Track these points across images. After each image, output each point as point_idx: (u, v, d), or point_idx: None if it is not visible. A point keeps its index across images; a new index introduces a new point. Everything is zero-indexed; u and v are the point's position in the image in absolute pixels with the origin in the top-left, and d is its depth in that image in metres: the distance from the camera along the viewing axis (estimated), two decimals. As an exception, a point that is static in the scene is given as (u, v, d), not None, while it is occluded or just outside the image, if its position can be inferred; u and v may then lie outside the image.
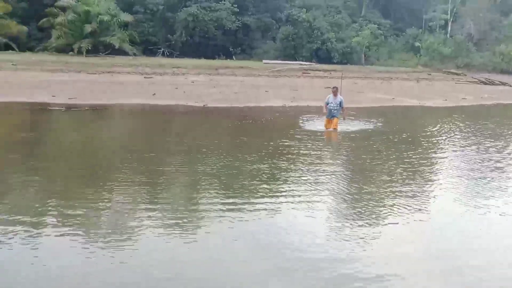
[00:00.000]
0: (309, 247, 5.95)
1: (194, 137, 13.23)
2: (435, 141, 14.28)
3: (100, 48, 40.34)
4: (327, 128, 14.40)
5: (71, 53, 37.93)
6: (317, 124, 15.22)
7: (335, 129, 14.24)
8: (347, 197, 8.14)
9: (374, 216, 7.22)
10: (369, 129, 15.46)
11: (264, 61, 42.05)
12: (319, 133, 14.07)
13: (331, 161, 10.99)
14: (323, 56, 46.44)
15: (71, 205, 7.06)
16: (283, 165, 10.08)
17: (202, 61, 38.80)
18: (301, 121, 16.44)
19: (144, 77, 28.74)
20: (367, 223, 6.88)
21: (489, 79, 41.01)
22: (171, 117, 17.85)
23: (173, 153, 11.14)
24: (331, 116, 14.31)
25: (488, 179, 9.58)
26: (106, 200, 7.42)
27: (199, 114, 18.26)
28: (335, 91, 14.41)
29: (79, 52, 37.87)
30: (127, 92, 21.83)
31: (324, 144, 13.26)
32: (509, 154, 12.46)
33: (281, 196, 7.98)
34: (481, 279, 5.41)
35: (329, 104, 14.26)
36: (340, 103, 14.23)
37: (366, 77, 36.79)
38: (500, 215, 7.48)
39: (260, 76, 33.70)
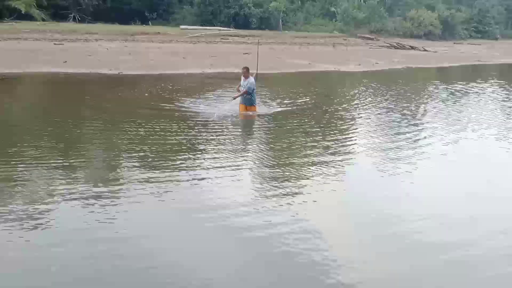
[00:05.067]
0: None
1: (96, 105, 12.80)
2: (347, 105, 14.83)
3: (4, 13, 37.46)
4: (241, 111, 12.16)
5: (-29, 19, 34.93)
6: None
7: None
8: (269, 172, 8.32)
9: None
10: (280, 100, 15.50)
11: (181, 26, 40.94)
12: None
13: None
14: (241, 21, 46.02)
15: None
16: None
17: (117, 27, 36.84)
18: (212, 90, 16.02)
19: (54, 44, 27.11)
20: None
21: (400, 44, 42.84)
22: (79, 86, 16.70)
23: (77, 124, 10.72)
24: (245, 102, 12.02)
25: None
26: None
27: (111, 82, 17.59)
28: (245, 72, 11.80)
29: (-19, 18, 34.97)
30: (36, 60, 20.41)
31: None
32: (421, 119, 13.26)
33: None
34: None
35: (241, 87, 11.88)
36: (248, 86, 11.63)
37: (283, 43, 37.08)
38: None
39: (178, 42, 32.88)
